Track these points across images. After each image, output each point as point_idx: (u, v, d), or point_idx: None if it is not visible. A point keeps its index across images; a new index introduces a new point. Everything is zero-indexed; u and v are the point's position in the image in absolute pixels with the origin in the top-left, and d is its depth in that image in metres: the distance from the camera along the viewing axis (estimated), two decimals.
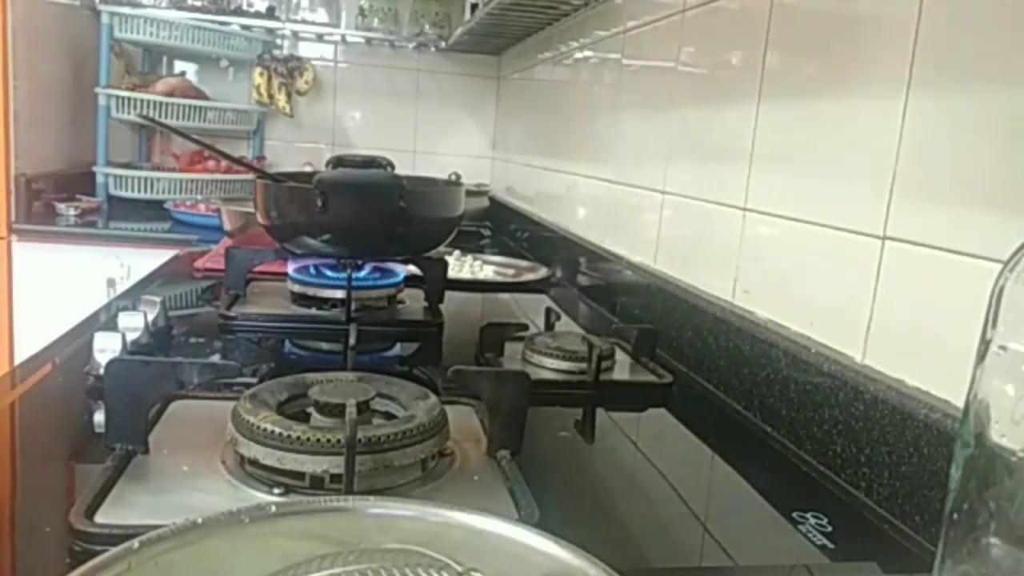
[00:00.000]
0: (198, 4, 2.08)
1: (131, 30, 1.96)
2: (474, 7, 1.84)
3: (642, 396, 0.80)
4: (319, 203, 0.84)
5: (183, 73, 2.26)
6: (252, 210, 0.99)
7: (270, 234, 0.93)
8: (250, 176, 1.43)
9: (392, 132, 2.36)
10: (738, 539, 0.53)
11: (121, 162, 2.11)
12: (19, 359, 1.13)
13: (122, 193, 1.97)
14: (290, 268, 0.98)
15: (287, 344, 0.90)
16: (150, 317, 0.76)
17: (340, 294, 0.94)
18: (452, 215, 0.96)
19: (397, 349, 0.92)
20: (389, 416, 0.56)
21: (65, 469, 0.57)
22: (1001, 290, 0.31)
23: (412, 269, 1.04)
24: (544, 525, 0.38)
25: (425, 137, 2.40)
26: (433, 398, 0.56)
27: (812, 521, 0.54)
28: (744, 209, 0.84)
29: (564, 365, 0.80)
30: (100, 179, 1.97)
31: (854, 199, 0.66)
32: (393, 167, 0.95)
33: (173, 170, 2.10)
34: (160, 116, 1.93)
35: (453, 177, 0.99)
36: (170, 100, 1.99)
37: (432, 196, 0.96)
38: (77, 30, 2.02)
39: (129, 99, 1.94)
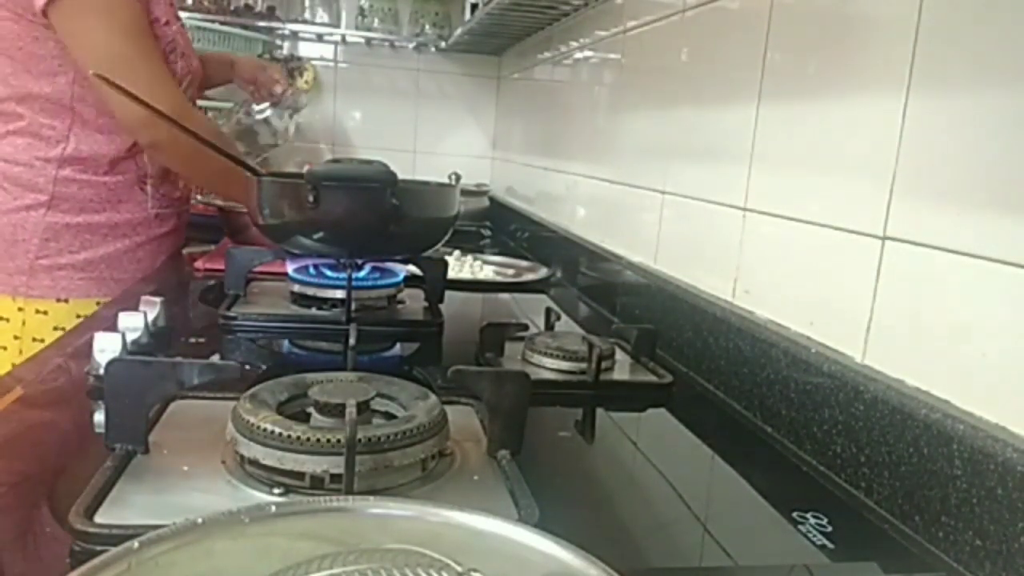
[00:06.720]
0: (198, 4, 2.08)
1: None
2: (474, 7, 1.84)
3: (642, 396, 0.80)
4: (310, 198, 0.83)
5: None
6: None
7: (262, 231, 0.93)
8: None
9: (392, 132, 2.36)
10: (738, 539, 0.53)
11: None
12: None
13: None
14: (290, 268, 0.98)
15: (287, 344, 0.90)
16: (150, 317, 0.76)
17: (340, 294, 0.94)
18: (446, 215, 0.95)
19: (397, 349, 0.92)
20: (389, 416, 0.56)
21: (65, 469, 0.57)
22: None
23: (412, 269, 1.04)
24: (544, 525, 0.38)
25: (425, 137, 2.40)
26: (433, 398, 0.56)
27: (812, 521, 0.54)
28: (744, 209, 0.84)
29: (564, 365, 0.80)
30: None
31: (854, 199, 0.66)
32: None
33: None
34: None
35: (453, 177, 0.98)
36: None
37: (425, 194, 0.95)
38: None
39: None
